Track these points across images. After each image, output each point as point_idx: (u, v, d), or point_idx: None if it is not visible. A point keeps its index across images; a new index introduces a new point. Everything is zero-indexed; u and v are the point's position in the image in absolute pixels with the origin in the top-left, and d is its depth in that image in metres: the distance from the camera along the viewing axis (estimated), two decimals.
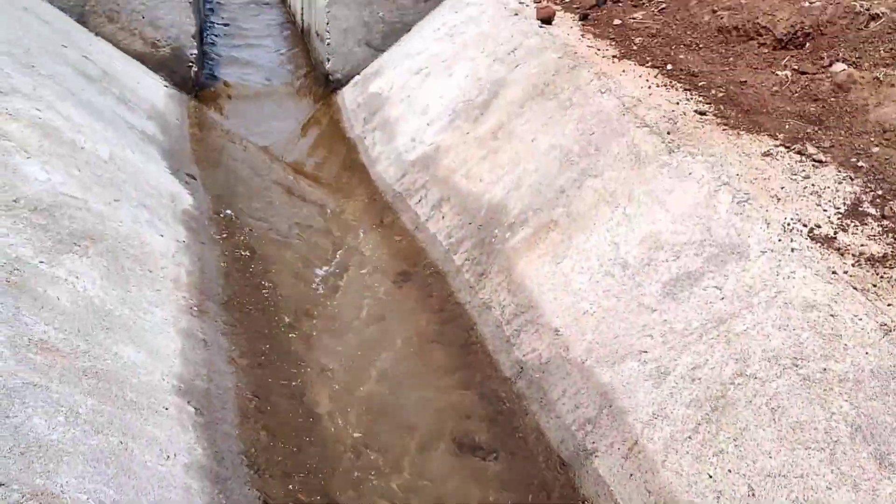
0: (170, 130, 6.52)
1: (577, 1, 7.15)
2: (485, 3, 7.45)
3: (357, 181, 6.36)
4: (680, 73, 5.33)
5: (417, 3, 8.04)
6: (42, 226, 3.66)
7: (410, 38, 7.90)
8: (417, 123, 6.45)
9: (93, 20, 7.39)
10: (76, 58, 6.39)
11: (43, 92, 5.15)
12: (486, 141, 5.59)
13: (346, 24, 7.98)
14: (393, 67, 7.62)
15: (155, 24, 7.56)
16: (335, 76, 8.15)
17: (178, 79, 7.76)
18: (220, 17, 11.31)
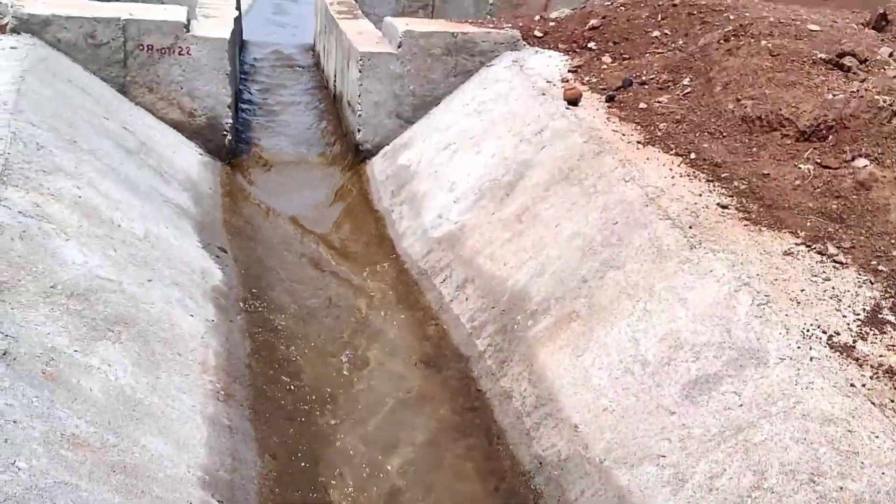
0: (203, 201, 6.70)
1: (603, 81, 7.29)
2: (513, 80, 7.62)
3: (384, 256, 6.48)
4: (703, 163, 5.42)
5: (447, 78, 8.23)
6: (78, 312, 3.79)
7: (440, 112, 8.08)
8: (444, 200, 6.58)
9: (133, 90, 7.65)
10: (117, 129, 6.62)
11: (84, 169, 5.34)
12: (511, 223, 5.69)
13: (377, 97, 8.18)
14: (422, 140, 7.79)
15: (192, 94, 7.80)
16: (365, 146, 8.33)
17: (213, 147, 7.98)
18: (255, 79, 11.62)
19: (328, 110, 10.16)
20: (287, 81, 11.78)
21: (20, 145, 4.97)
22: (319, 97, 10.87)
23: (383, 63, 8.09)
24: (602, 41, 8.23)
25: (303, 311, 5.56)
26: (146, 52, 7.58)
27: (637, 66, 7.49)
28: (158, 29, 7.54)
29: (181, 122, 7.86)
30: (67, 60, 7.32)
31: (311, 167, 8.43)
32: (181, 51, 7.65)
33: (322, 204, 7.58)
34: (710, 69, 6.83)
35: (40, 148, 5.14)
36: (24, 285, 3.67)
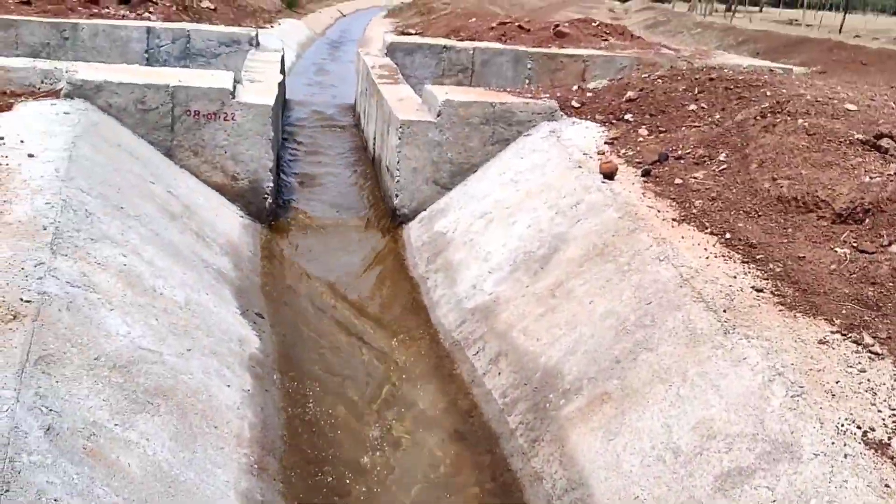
0: (242, 264, 6.84)
1: (639, 155, 7.36)
2: (550, 151, 7.72)
3: (418, 324, 6.53)
4: (738, 243, 5.43)
5: (485, 146, 8.37)
6: (119, 384, 3.88)
7: (476, 180, 8.19)
8: (479, 270, 6.64)
9: (179, 154, 7.88)
10: (162, 194, 6.81)
11: (130, 236, 5.50)
12: (545, 298, 5.73)
13: (415, 164, 8.33)
14: (458, 208, 7.90)
15: (236, 158, 8.01)
16: (402, 211, 8.46)
17: (254, 209, 8.16)
18: (297, 139, 11.88)
19: (367, 172, 10.34)
20: (327, 142, 12.03)
21: (70, 213, 5.14)
22: (358, 158, 11.08)
23: (422, 131, 8.26)
24: (639, 113, 8.33)
25: (336, 380, 5.62)
26: (193, 118, 7.82)
27: (673, 140, 7.56)
28: (205, 95, 7.80)
29: (224, 185, 8.06)
30: (117, 125, 7.58)
31: (349, 230, 8.56)
32: (226, 116, 7.88)
33: (358, 269, 7.68)
34: (746, 146, 6.88)
35: (89, 215, 5.31)
36: (70, 358, 3.78)
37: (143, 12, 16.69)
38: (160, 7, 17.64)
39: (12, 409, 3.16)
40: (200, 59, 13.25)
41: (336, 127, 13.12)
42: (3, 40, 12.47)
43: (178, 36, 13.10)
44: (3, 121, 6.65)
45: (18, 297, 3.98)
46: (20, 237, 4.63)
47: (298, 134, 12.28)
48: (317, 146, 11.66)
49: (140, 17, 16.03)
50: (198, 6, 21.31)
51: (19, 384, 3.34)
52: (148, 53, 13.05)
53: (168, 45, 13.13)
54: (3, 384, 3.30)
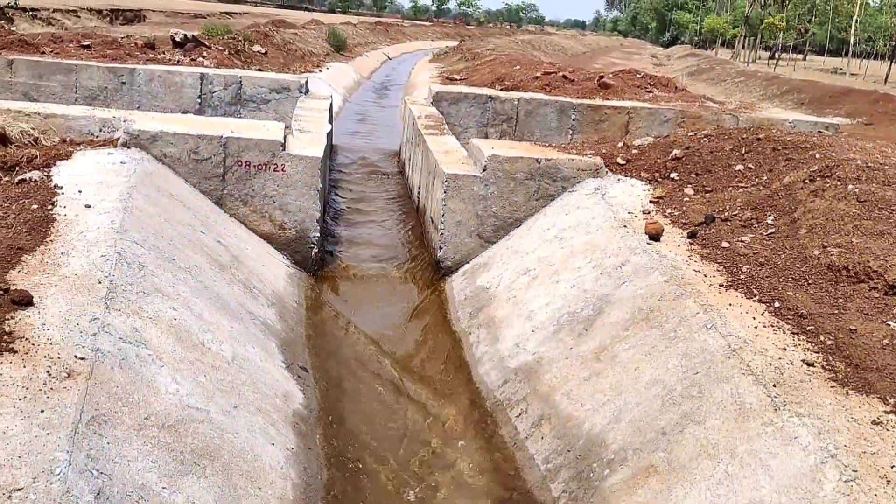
0: (287, 315, 6.91)
1: (685, 215, 7.33)
2: (594, 209, 7.73)
3: (459, 382, 6.53)
4: (788, 313, 5.36)
5: (529, 201, 8.40)
6: (167, 445, 3.93)
7: (520, 235, 8.22)
8: (522, 329, 6.63)
9: (229, 203, 8.03)
10: (211, 244, 6.93)
11: (180, 289, 5.60)
12: (589, 361, 5.70)
13: (460, 217, 8.39)
14: (501, 263, 7.91)
15: (284, 208, 8.14)
16: (445, 263, 8.50)
17: (300, 258, 8.27)
18: (342, 186, 12.03)
19: (411, 221, 10.42)
20: (372, 190, 12.17)
21: (124, 266, 5.26)
22: (403, 207, 11.18)
23: (468, 185, 8.32)
24: (685, 172, 8.31)
25: (378, 438, 5.62)
26: (244, 168, 7.98)
27: (720, 201, 7.52)
28: (257, 147, 7.96)
29: (271, 235, 8.18)
30: (171, 174, 7.77)
31: (392, 281, 8.62)
32: (276, 168, 8.03)
33: (401, 321, 7.71)
34: (794, 210, 6.82)
35: (142, 268, 5.42)
36: (121, 417, 3.84)
37: (197, 57, 17.13)
38: (213, 52, 18.11)
39: (64, 473, 3.22)
40: (251, 105, 13.54)
41: (381, 174, 13.27)
42: (64, 84, 12.89)
43: (231, 82, 13.41)
44: (62, 169, 6.85)
45: (73, 354, 4.06)
46: (76, 291, 4.74)
47: (344, 180, 12.45)
48: (362, 194, 11.80)
49: (194, 61, 16.45)
50: (249, 51, 21.84)
51: (72, 446, 3.40)
52: (201, 98, 13.37)
53: (220, 90, 13.44)
54: (57, 446, 3.36)
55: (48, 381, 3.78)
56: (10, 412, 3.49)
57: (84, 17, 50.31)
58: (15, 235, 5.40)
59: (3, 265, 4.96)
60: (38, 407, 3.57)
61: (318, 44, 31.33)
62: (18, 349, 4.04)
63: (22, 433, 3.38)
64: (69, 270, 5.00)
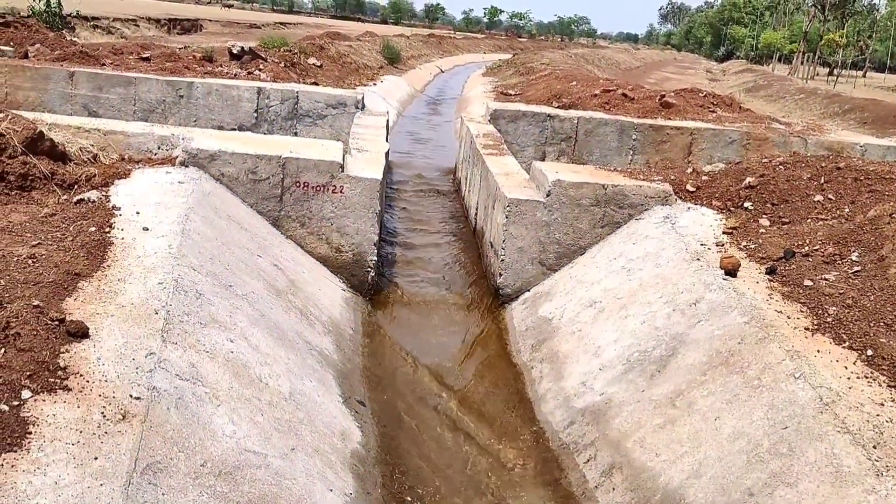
0: (344, 344, 6.69)
1: (762, 249, 6.95)
2: (664, 239, 7.38)
3: (522, 419, 6.24)
4: (882, 363, 4.97)
5: (594, 228, 8.09)
6: (224, 495, 3.71)
7: (584, 264, 7.90)
8: (588, 366, 6.32)
9: (286, 224, 7.87)
10: (268, 268, 6.76)
11: (237, 318, 5.41)
12: (664, 407, 5.36)
13: (521, 243, 8.11)
14: (565, 293, 7.61)
15: (342, 231, 7.95)
16: (505, 291, 8.22)
17: (356, 282, 8.06)
18: (398, 205, 11.84)
19: (468, 244, 10.17)
20: (428, 209, 11.95)
21: (181, 295, 5.09)
22: (459, 228, 10.93)
23: (530, 210, 8.04)
24: (759, 201, 7.92)
25: (437, 480, 5.36)
26: (302, 189, 7.81)
27: (798, 234, 7.12)
28: (316, 168, 7.78)
29: (328, 257, 8.00)
30: (228, 194, 7.63)
31: (450, 308, 8.36)
32: (335, 189, 7.85)
33: (460, 351, 7.45)
34: (881, 246, 6.40)
35: (199, 297, 5.25)
36: (176, 465, 3.63)
37: (254, 70, 17.15)
38: (270, 65, 18.13)
39: None
40: (307, 120, 13.44)
41: (436, 192, 13.06)
42: (123, 97, 12.93)
43: (287, 97, 13.33)
44: (121, 189, 6.75)
45: (129, 393, 3.88)
46: (132, 322, 4.57)
47: (400, 199, 12.26)
48: (418, 213, 11.59)
49: (251, 74, 16.47)
50: (305, 63, 21.86)
51: (125, 498, 3.20)
52: (257, 113, 13.31)
53: (277, 105, 13.37)
54: (111, 499, 3.16)
55: (102, 424, 3.59)
56: (63, 458, 3.30)
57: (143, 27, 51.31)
58: (72, 259, 5.27)
59: (59, 292, 4.82)
60: (92, 453, 3.38)
61: (371, 56, 31.36)
62: (73, 386, 3.87)
63: (74, 483, 3.20)
64: (126, 299, 4.84)
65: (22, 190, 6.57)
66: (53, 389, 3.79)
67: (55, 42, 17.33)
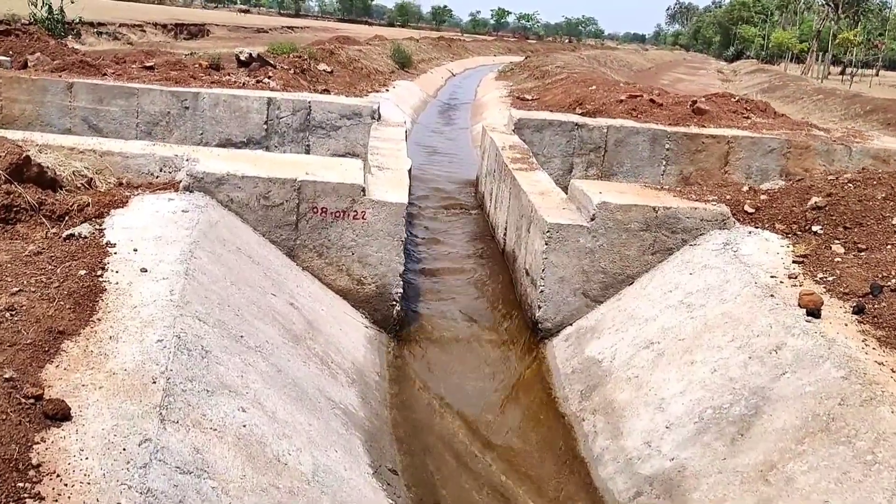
0: (370, 395, 5.91)
1: (841, 281, 6.12)
2: (727, 269, 6.56)
3: (576, 486, 5.42)
4: None
5: (643, 255, 7.27)
6: None
7: (634, 295, 7.09)
8: (652, 422, 5.50)
9: (302, 254, 7.08)
10: (283, 309, 5.98)
11: (250, 379, 4.62)
12: (754, 482, 4.54)
13: (563, 273, 7.29)
14: (614, 330, 6.79)
15: (364, 260, 7.16)
16: (545, 325, 7.41)
17: (380, 317, 7.28)
18: (419, 224, 11.05)
19: (497, 267, 9.37)
20: (451, 228, 11.16)
21: (184, 355, 4.30)
22: (486, 249, 10.13)
23: (573, 236, 7.23)
24: (829, 224, 7.09)
25: None
26: (319, 215, 7.03)
27: (880, 263, 6.29)
28: (335, 192, 6.99)
29: (348, 290, 7.21)
30: (237, 221, 6.85)
31: (484, 345, 7.54)
32: (356, 215, 7.06)
33: (498, 398, 6.63)
34: None
35: (205, 355, 4.46)
36: None
37: (263, 77, 16.41)
38: (279, 71, 17.37)
39: None
40: (320, 132, 12.68)
41: (458, 207, 12.27)
42: (125, 109, 12.18)
43: (299, 108, 12.56)
44: (117, 220, 5.98)
45: (117, 501, 3.09)
46: (125, 396, 3.79)
47: (419, 216, 11.46)
48: (440, 232, 10.80)
49: (259, 82, 15.72)
50: (315, 69, 21.11)
51: None
52: (267, 125, 12.55)
53: (288, 116, 12.61)
54: None
55: None
56: None
57: (149, 32, 50.75)
58: (57, 313, 4.48)
59: (39, 357, 4.04)
60: None
61: (382, 61, 30.60)
62: (46, 494, 3.08)
63: None
64: (118, 364, 4.06)
65: (5, 223, 5.79)
66: (21, 500, 3.01)
67: (56, 50, 16.57)
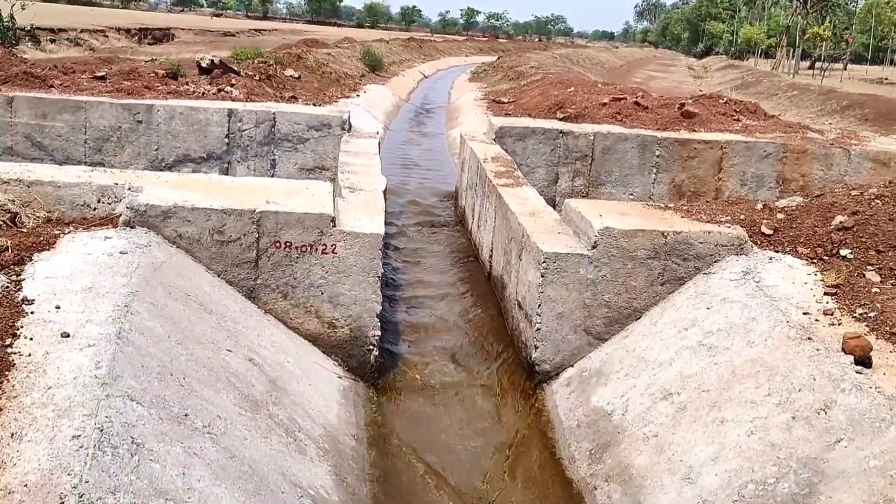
0: (345, 468, 5.01)
1: (885, 318, 5.31)
2: (750, 303, 5.74)
3: None
4: None
5: (651, 286, 6.44)
6: None
7: (643, 332, 6.25)
8: (679, 495, 4.66)
9: (264, 296, 6.17)
10: (241, 368, 5.07)
11: (195, 476, 3.72)
12: None
13: (562, 308, 6.44)
14: (623, 374, 5.95)
15: (335, 300, 6.26)
16: (542, 367, 6.55)
17: (355, 363, 6.39)
18: (394, 245, 10.15)
19: (482, 293, 8.49)
20: (429, 246, 10.28)
21: (107, 456, 3.39)
22: (469, 273, 9.25)
23: (572, 266, 6.38)
24: (859, 248, 6.29)
25: None
26: (283, 251, 6.12)
27: None
28: (300, 223, 6.08)
29: (319, 335, 6.30)
30: (188, 261, 5.92)
31: (474, 393, 6.64)
32: (325, 249, 6.16)
33: (495, 461, 5.73)
34: None
35: (136, 451, 3.55)
36: None
37: (225, 85, 15.43)
38: (243, 79, 16.39)
39: None
40: (286, 145, 11.75)
41: (436, 225, 11.38)
42: (72, 124, 11.17)
43: (263, 119, 11.62)
44: (39, 268, 5.04)
45: None
46: None
47: (396, 235, 10.56)
48: (419, 254, 9.90)
49: (221, 91, 14.74)
50: (282, 76, 20.14)
51: None
52: (229, 138, 11.61)
53: (251, 128, 11.67)
54: None
55: None
56: None
57: (112, 37, 49.38)
58: None
59: None
60: None
61: (352, 64, 29.62)
62: None
63: None
64: (17, 476, 3.17)
65: None
66: None
67: (2, 60, 15.49)
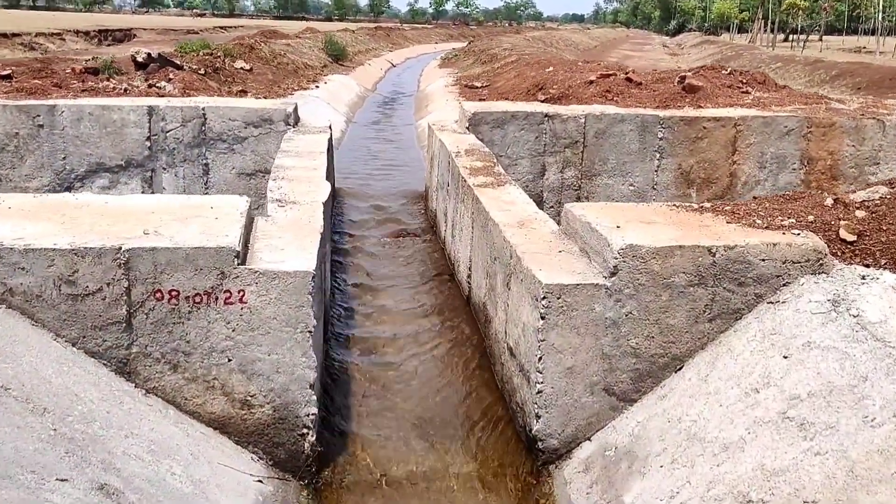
0: None
1: None
2: (850, 350, 3.90)
3: None
4: None
5: (696, 324, 4.59)
6: None
7: (689, 392, 4.39)
8: None
9: (144, 370, 4.26)
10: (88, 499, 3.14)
11: None
12: None
13: (571, 360, 4.57)
14: (669, 461, 4.09)
15: (248, 369, 4.36)
16: (548, 443, 4.69)
17: (282, 456, 4.49)
18: (351, 263, 8.24)
19: (459, 328, 6.61)
20: (395, 266, 8.35)
21: None
22: (445, 299, 7.35)
23: (584, 303, 4.51)
24: None
25: None
26: (168, 303, 4.20)
27: None
28: (189, 263, 4.17)
29: (227, 419, 4.40)
30: (22, 327, 4.00)
31: (449, 484, 4.73)
32: (230, 297, 4.24)
33: None
34: None
35: None
36: None
37: (160, 81, 13.45)
38: (185, 73, 14.39)
39: None
40: (221, 146, 9.80)
41: (404, 235, 9.46)
42: None
43: (190, 116, 9.66)
44: None
45: None
46: None
47: (352, 251, 8.64)
48: (380, 275, 7.98)
49: (152, 86, 12.77)
50: (231, 68, 18.14)
51: None
52: (151, 141, 9.65)
53: (177, 128, 9.71)
54: None
55: None
56: None
57: (69, 40, 47.06)
58: None
59: None
60: None
61: (313, 54, 27.56)
62: None
63: None
64: None
65: None
66: None
67: None
